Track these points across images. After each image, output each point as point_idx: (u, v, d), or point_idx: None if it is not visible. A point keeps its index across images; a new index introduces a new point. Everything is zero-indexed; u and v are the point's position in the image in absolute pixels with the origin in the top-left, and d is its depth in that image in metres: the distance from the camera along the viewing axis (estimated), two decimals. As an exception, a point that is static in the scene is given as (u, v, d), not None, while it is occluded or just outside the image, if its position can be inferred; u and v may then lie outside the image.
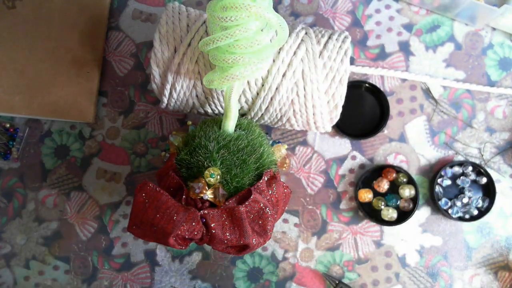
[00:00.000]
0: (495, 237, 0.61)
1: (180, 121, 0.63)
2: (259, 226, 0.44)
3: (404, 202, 0.60)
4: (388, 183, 0.61)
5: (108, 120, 0.64)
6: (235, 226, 0.43)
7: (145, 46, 0.65)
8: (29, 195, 0.63)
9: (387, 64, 0.64)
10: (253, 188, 0.44)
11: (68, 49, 0.62)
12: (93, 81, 0.62)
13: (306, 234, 0.61)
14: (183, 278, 0.61)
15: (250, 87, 0.51)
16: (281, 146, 0.51)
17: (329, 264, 0.61)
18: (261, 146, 0.47)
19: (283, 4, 0.65)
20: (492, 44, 0.64)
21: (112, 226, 0.62)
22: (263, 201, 0.44)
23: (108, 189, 0.63)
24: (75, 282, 0.62)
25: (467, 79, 0.63)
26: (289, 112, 0.52)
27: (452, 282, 0.60)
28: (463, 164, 0.61)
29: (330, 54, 0.51)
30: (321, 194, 0.62)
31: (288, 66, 0.50)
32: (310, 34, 0.51)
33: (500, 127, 0.63)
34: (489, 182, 0.60)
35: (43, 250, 0.62)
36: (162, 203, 0.42)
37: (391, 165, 0.61)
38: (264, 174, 0.46)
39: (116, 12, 0.65)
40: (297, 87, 0.50)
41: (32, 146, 0.63)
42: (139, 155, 0.63)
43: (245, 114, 0.54)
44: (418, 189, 0.60)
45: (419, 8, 0.65)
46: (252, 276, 0.61)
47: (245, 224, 0.42)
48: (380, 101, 0.63)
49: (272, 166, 0.48)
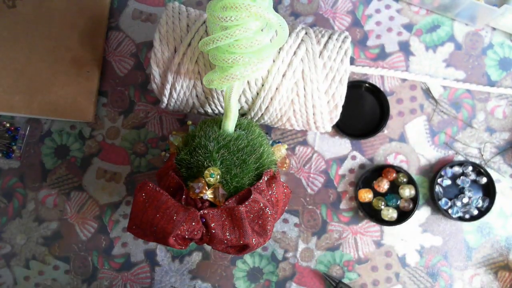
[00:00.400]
0: (495, 237, 0.61)
1: (180, 121, 0.63)
2: (259, 226, 0.44)
3: (404, 202, 0.60)
4: (388, 183, 0.61)
5: (108, 120, 0.64)
6: (235, 226, 0.43)
7: (145, 46, 0.65)
8: (29, 195, 0.63)
9: (387, 64, 0.64)
10: (253, 188, 0.44)
11: (68, 48, 0.62)
12: (93, 80, 0.63)
13: (306, 234, 0.61)
14: (183, 278, 0.61)
15: (250, 87, 0.51)
16: (281, 146, 0.51)
17: (329, 264, 0.61)
18: (261, 146, 0.47)
19: (283, 4, 0.65)
20: (492, 44, 0.64)
21: (112, 226, 0.62)
22: (262, 201, 0.44)
23: (108, 189, 0.63)
24: (75, 282, 0.62)
25: (467, 79, 0.63)
26: (289, 112, 0.52)
27: (452, 282, 0.60)
28: (463, 164, 0.61)
29: (330, 54, 0.51)
30: (321, 194, 0.62)
31: (288, 66, 0.50)
32: (310, 34, 0.51)
33: (500, 127, 0.63)
34: (489, 182, 0.60)
35: (43, 250, 0.62)
36: (162, 203, 0.42)
37: (391, 165, 0.61)
38: (264, 174, 0.46)
39: (116, 12, 0.65)
40: (297, 87, 0.50)
41: (32, 146, 0.63)
42: (139, 155, 0.63)
43: (245, 114, 0.54)
44: (418, 189, 0.60)
45: (419, 8, 0.65)
46: (252, 276, 0.61)
47: (245, 224, 0.42)
48: (380, 101, 0.63)
49: (272, 166, 0.48)
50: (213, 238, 0.43)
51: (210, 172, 0.44)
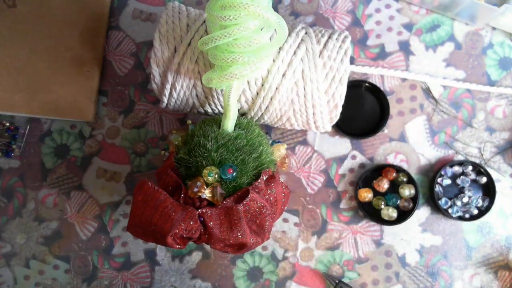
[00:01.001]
0: (495, 237, 0.61)
1: (180, 120, 0.64)
2: (257, 225, 0.44)
3: (404, 202, 0.60)
4: (388, 182, 0.61)
5: (108, 119, 0.64)
6: (233, 225, 0.43)
7: (145, 46, 0.65)
8: (29, 195, 0.63)
9: (387, 63, 0.64)
10: (251, 187, 0.44)
11: (68, 48, 0.62)
12: (93, 80, 0.63)
13: (306, 233, 0.61)
14: (183, 278, 0.61)
15: (250, 86, 0.51)
16: (280, 145, 0.51)
17: (329, 264, 0.61)
18: (260, 145, 0.47)
19: (283, 4, 0.65)
20: (492, 44, 0.64)
21: (112, 225, 0.62)
22: (261, 201, 0.44)
23: (108, 188, 0.63)
24: (75, 281, 0.62)
25: (467, 78, 0.63)
26: (289, 112, 0.52)
27: (452, 282, 0.60)
28: (463, 164, 0.61)
29: (330, 53, 0.51)
30: (321, 193, 0.62)
31: (288, 65, 0.50)
32: (310, 33, 0.51)
33: (500, 126, 0.63)
34: (489, 182, 0.60)
35: (43, 249, 0.62)
36: (160, 202, 0.42)
37: (391, 164, 0.61)
38: (263, 174, 0.46)
39: (116, 12, 0.66)
40: (297, 86, 0.50)
41: (32, 146, 0.63)
42: (139, 154, 0.63)
43: (245, 113, 0.54)
44: (418, 189, 0.60)
45: (419, 7, 0.65)
46: (252, 276, 0.61)
47: (242, 223, 0.42)
48: (380, 101, 0.63)
49: (271, 166, 0.48)
50: (211, 237, 0.43)
51: (209, 171, 0.44)
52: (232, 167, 0.44)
